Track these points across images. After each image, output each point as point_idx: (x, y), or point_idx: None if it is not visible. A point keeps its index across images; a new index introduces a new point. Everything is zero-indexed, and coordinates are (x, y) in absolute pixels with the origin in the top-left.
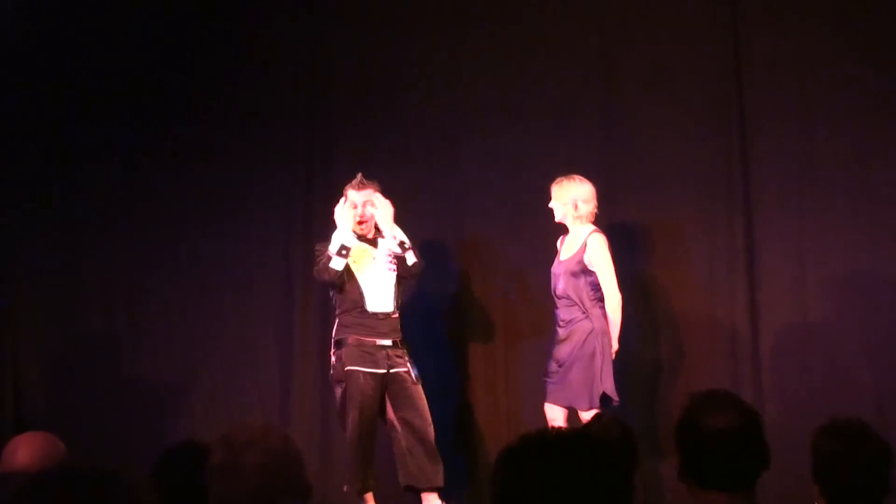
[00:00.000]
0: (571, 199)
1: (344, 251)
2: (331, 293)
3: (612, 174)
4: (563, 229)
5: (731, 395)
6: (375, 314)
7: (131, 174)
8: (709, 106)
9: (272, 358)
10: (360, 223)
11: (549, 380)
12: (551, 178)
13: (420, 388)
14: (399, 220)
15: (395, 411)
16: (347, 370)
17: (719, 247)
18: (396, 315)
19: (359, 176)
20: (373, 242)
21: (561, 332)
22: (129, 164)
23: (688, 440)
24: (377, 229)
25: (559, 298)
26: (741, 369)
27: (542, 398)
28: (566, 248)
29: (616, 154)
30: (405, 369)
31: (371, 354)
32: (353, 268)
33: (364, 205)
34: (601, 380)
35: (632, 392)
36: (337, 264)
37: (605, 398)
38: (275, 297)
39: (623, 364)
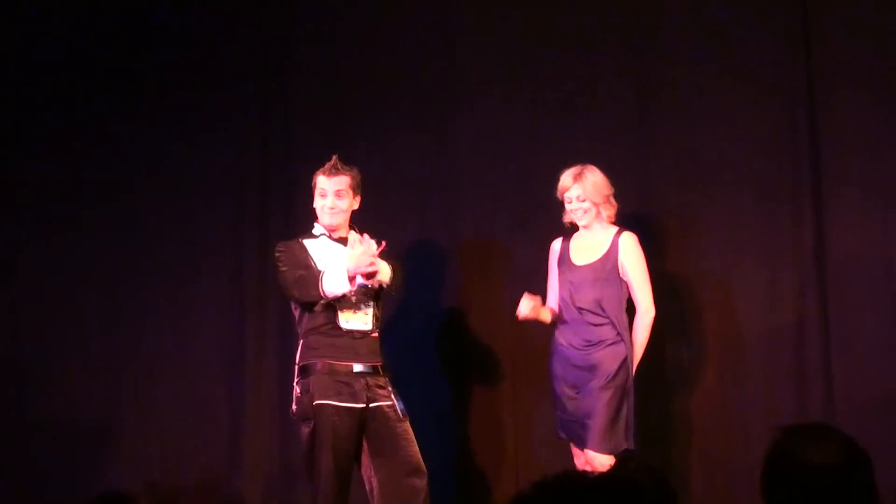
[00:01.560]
0: (603, 195)
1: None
2: (293, 307)
3: (646, 155)
4: (563, 231)
5: (832, 427)
6: (350, 332)
7: (38, 157)
8: (769, 70)
9: (220, 389)
10: (330, 215)
11: (563, 414)
12: (571, 162)
13: (408, 425)
14: (378, 215)
15: (375, 457)
16: (317, 404)
17: (782, 246)
18: (376, 335)
19: (333, 159)
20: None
21: (576, 355)
22: (36, 144)
23: (781, 479)
24: (352, 227)
25: (582, 312)
26: (809, 398)
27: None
28: (584, 252)
29: (653, 130)
30: (389, 403)
31: (347, 384)
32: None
33: (337, 194)
34: (627, 421)
35: (667, 427)
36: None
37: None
38: (223, 312)
39: (659, 393)
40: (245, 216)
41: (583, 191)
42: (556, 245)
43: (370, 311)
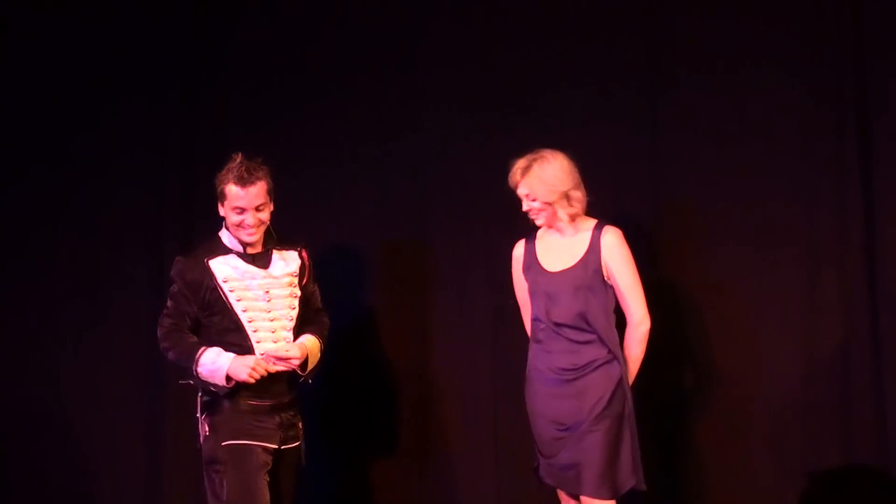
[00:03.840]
0: (557, 191)
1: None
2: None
3: (659, 125)
4: (527, 230)
5: (882, 471)
6: (271, 374)
7: None
8: (809, 19)
9: (135, 419)
10: (248, 234)
11: (550, 460)
12: (565, 138)
13: (296, 473)
14: (325, 216)
15: None
16: (228, 445)
17: (824, 241)
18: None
19: (238, 160)
20: (263, 260)
21: (558, 383)
22: None
23: None
24: (270, 233)
25: (561, 329)
26: (857, 430)
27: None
28: (558, 254)
29: (667, 94)
30: (296, 444)
31: (260, 421)
32: (234, 301)
33: (258, 209)
34: (632, 455)
35: (671, 468)
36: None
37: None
38: (138, 327)
39: (661, 423)
40: (165, 205)
41: (529, 189)
42: (519, 249)
43: (291, 345)
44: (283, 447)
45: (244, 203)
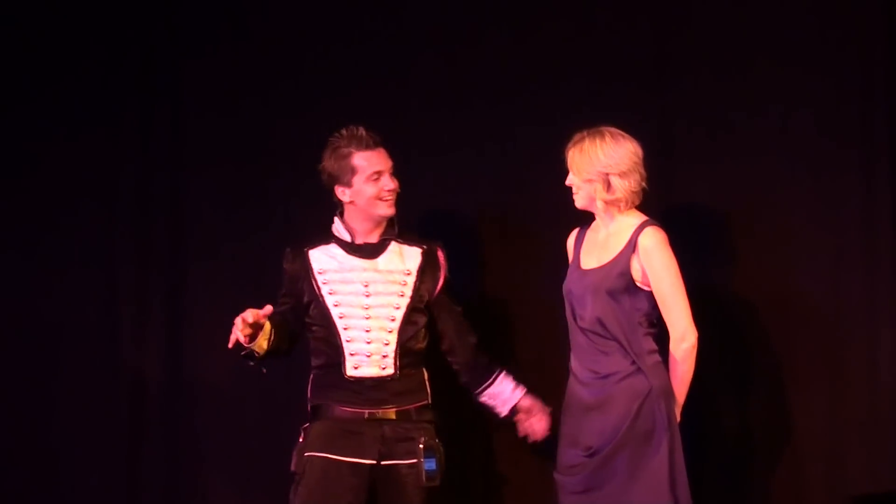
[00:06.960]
0: (599, 172)
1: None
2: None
3: (668, 120)
4: (583, 221)
5: None
6: (360, 381)
7: None
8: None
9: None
10: (391, 205)
11: (567, 478)
12: (565, 130)
13: (427, 494)
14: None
15: None
16: (309, 457)
17: (849, 247)
18: (404, 374)
19: (355, 129)
20: (371, 251)
21: (587, 393)
22: None
23: None
24: (391, 223)
25: (585, 333)
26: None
27: None
28: (593, 251)
29: (677, 87)
30: (411, 461)
31: (355, 434)
32: (326, 294)
33: (391, 171)
34: (672, 480)
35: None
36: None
37: None
38: (92, 370)
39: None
40: (117, 214)
41: (570, 161)
42: (571, 240)
43: (392, 349)
44: (382, 462)
45: (382, 164)
